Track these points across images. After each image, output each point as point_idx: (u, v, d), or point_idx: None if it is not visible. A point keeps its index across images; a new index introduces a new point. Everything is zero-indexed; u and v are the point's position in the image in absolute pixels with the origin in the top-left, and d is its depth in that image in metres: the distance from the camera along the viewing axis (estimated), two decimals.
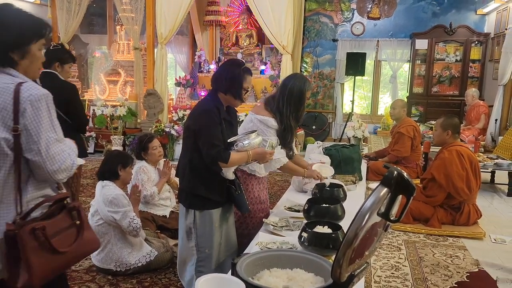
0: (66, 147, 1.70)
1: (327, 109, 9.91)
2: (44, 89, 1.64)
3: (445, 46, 9.08)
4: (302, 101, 2.95)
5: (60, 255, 1.66)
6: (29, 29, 1.66)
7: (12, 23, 1.62)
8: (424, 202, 3.86)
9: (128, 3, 7.91)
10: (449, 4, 9.15)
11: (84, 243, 1.77)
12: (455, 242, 3.59)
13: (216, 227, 2.52)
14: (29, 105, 1.56)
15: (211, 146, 2.34)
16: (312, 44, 9.79)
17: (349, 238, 1.49)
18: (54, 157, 1.62)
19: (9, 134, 1.56)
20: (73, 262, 1.83)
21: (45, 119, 1.61)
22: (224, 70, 2.54)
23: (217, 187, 2.50)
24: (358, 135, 5.87)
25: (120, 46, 8.57)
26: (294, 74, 3.21)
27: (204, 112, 2.44)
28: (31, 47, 1.66)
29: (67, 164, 1.66)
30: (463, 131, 7.55)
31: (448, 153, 3.79)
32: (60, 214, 1.71)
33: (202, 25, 9.38)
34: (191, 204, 2.52)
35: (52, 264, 1.65)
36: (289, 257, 1.86)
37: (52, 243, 1.62)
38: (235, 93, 2.47)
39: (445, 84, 9.15)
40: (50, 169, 1.62)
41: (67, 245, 1.68)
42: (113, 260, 3.16)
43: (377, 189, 1.57)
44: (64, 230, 1.70)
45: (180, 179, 2.58)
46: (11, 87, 1.56)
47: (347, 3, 9.56)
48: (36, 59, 1.70)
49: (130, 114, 7.41)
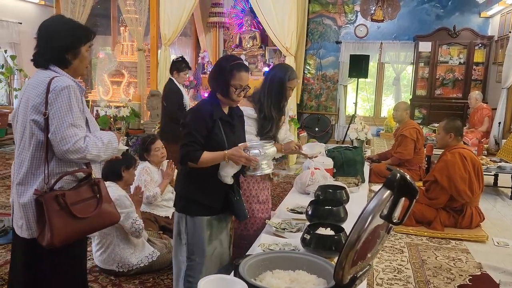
0: (81, 132, 1.93)
1: (330, 111, 9.90)
2: (69, 82, 1.94)
3: (448, 48, 9.06)
4: (283, 90, 2.91)
5: (79, 220, 1.95)
6: (79, 34, 2.02)
7: (66, 29, 2.00)
8: (427, 204, 3.85)
9: (132, 4, 7.93)
10: (453, 7, 9.14)
11: (102, 214, 2.04)
12: (458, 245, 3.59)
13: (208, 235, 2.37)
14: (53, 94, 1.89)
15: (184, 145, 2.23)
16: (315, 46, 9.78)
17: (351, 240, 1.49)
18: (65, 138, 1.88)
19: (40, 117, 1.91)
20: (91, 230, 2.10)
21: (63, 106, 1.90)
22: (214, 67, 2.41)
23: (213, 192, 2.35)
24: (361, 137, 5.86)
25: (124, 47, 8.60)
26: (278, 64, 3.19)
27: (191, 111, 2.38)
28: (81, 49, 2.02)
29: (78, 146, 1.89)
30: (466, 134, 7.54)
31: (451, 156, 3.79)
32: (83, 187, 2.00)
33: (206, 27, 9.40)
34: (183, 208, 2.39)
35: (71, 228, 1.93)
36: (291, 258, 1.87)
37: (72, 209, 1.92)
38: (223, 90, 2.29)
39: (448, 87, 9.13)
40: (60, 149, 1.89)
41: (86, 213, 1.98)
42: (115, 261, 3.17)
43: (380, 191, 1.57)
44: (85, 200, 1.99)
45: (176, 179, 2.51)
46: (47, 80, 1.91)
47: (351, 5, 9.56)
48: (84, 58, 2.06)
49: (133, 115, 7.42)
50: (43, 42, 1.99)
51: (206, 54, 9.00)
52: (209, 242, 2.37)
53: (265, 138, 2.93)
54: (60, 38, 1.97)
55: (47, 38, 1.98)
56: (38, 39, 2.01)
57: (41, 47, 2.00)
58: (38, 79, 1.95)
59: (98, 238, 3.20)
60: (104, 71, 8.54)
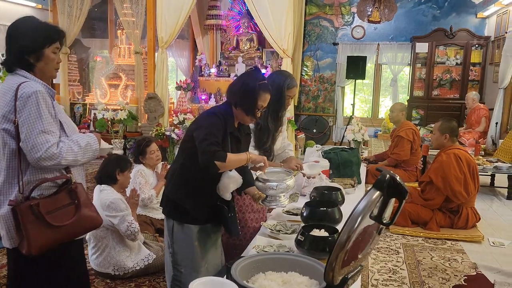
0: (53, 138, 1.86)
1: (327, 112, 9.91)
2: (37, 87, 1.86)
3: (445, 49, 9.09)
4: (282, 99, 2.82)
5: (56, 229, 1.91)
6: (41, 35, 1.93)
7: (28, 30, 1.93)
8: (423, 205, 3.86)
9: (129, 7, 7.94)
10: (449, 8, 9.16)
11: (82, 219, 1.99)
12: (453, 246, 3.59)
13: (196, 245, 2.26)
14: (21, 101, 1.83)
15: (209, 144, 2.07)
16: (312, 48, 9.80)
17: (341, 241, 1.49)
18: (36, 146, 1.83)
19: (10, 126, 1.86)
20: (72, 236, 2.02)
21: (32, 112, 1.83)
22: (239, 81, 2.27)
23: (204, 204, 2.24)
24: (357, 139, 5.86)
25: (121, 50, 8.61)
26: (276, 70, 3.11)
27: (209, 114, 2.23)
28: (45, 50, 1.93)
29: (50, 153, 1.83)
30: (463, 135, 7.56)
31: (446, 156, 3.79)
32: (60, 194, 1.96)
33: (203, 29, 9.42)
34: (170, 213, 2.29)
35: (48, 236, 1.90)
36: (284, 260, 1.86)
37: (47, 218, 1.88)
38: (247, 109, 2.20)
39: (445, 88, 9.16)
40: (33, 157, 1.83)
41: (63, 220, 1.93)
42: (111, 264, 3.16)
43: (369, 192, 1.58)
44: (62, 208, 1.94)
45: (167, 182, 2.35)
46: (14, 87, 1.85)
47: (348, 7, 9.58)
48: (50, 60, 1.96)
49: (130, 117, 7.43)
50: (8, 44, 1.94)
51: (203, 57, 9.00)
52: (197, 253, 2.27)
53: (262, 150, 2.90)
54: (21, 39, 1.91)
55: (11, 40, 1.93)
56: (6, 42, 1.95)
57: (6, 50, 1.95)
58: (6, 86, 1.90)
59: (93, 241, 3.19)
60: (102, 74, 8.54)
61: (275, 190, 2.35)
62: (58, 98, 8.15)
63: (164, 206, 2.33)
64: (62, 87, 8.37)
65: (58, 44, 1.99)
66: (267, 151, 2.96)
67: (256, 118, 2.28)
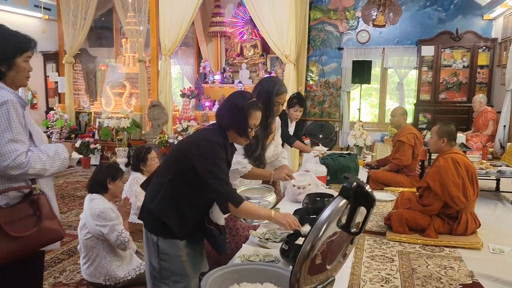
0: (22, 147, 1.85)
1: (333, 117, 9.84)
2: (8, 96, 1.86)
3: (452, 52, 8.97)
4: (270, 106, 2.78)
5: (14, 240, 1.84)
6: (12, 44, 1.93)
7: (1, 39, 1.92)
8: (420, 211, 3.77)
9: (132, 16, 8.00)
10: (455, 10, 9.05)
11: (43, 231, 1.93)
12: (451, 253, 3.49)
13: (184, 260, 2.20)
14: None
15: (222, 182, 2.01)
16: (317, 53, 9.76)
17: (305, 251, 1.44)
18: (5, 154, 1.80)
19: None
20: (31, 248, 1.95)
21: (2, 122, 1.83)
22: (227, 104, 2.22)
23: (191, 223, 2.18)
24: (359, 144, 5.80)
25: (126, 59, 8.67)
26: (266, 76, 3.07)
27: (212, 143, 2.09)
28: (16, 60, 1.93)
29: (18, 162, 1.82)
30: (471, 138, 7.43)
31: (444, 161, 3.71)
32: (21, 204, 1.91)
33: (207, 36, 9.45)
34: (154, 229, 2.19)
35: (6, 248, 1.83)
36: (260, 271, 1.83)
37: (6, 228, 1.82)
38: (239, 130, 2.16)
39: (452, 91, 9.02)
40: (0, 165, 1.80)
41: (22, 232, 1.86)
42: (102, 274, 3.14)
43: (336, 199, 1.53)
44: (23, 219, 1.89)
45: (148, 196, 2.23)
46: None
47: (352, 11, 9.53)
48: (22, 69, 1.97)
49: (134, 125, 7.46)
50: None
51: (207, 64, 9.03)
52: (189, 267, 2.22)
53: (252, 159, 2.87)
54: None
55: None
56: None
57: None
58: None
59: (84, 251, 3.18)
60: (106, 83, 8.61)
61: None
62: (63, 107, 8.23)
63: (145, 220, 2.24)
64: (67, 96, 8.46)
65: (30, 53, 1.99)
66: (257, 159, 2.92)
67: (249, 139, 2.24)
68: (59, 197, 5.75)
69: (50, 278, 3.42)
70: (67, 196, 5.79)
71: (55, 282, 3.37)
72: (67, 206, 5.37)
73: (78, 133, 8.20)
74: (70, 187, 6.34)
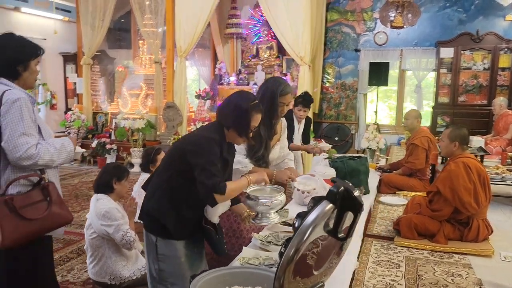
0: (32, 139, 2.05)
1: (350, 120, 9.73)
2: (20, 94, 2.08)
3: (472, 54, 8.76)
4: (275, 107, 2.78)
5: (29, 222, 2.08)
6: (28, 48, 2.20)
7: (15, 43, 2.18)
8: (430, 216, 3.68)
9: (149, 18, 8.08)
10: (476, 11, 8.85)
11: (53, 215, 2.16)
12: (461, 260, 3.40)
13: (183, 261, 2.20)
14: (6, 106, 2.03)
15: (209, 176, 2.00)
16: (334, 55, 9.67)
17: (289, 255, 1.42)
18: (17, 146, 2.02)
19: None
20: (44, 230, 2.19)
21: (15, 116, 2.04)
22: (231, 103, 2.22)
23: (189, 223, 2.18)
24: (372, 147, 5.72)
25: (143, 60, 8.75)
26: (271, 77, 3.04)
27: (208, 140, 2.11)
28: (31, 62, 2.19)
29: (29, 153, 2.03)
30: (490, 142, 7.26)
31: (455, 165, 3.61)
32: (33, 191, 2.14)
33: (223, 38, 9.47)
34: (153, 229, 2.20)
35: (22, 229, 2.06)
36: (251, 274, 1.82)
37: (21, 212, 2.05)
38: (240, 130, 2.17)
39: (472, 93, 8.81)
40: (13, 156, 2.02)
41: (36, 215, 2.10)
42: (107, 273, 3.17)
43: (322, 203, 1.50)
44: (35, 203, 2.12)
45: (147, 196, 2.26)
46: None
47: (370, 12, 9.41)
48: (33, 71, 2.22)
49: (148, 126, 7.53)
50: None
51: (223, 65, 9.05)
52: (187, 268, 2.20)
53: (254, 159, 2.86)
54: (10, 51, 2.13)
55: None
56: None
57: None
58: None
59: (90, 250, 3.21)
60: (123, 84, 8.71)
61: (268, 207, 2.31)
62: (80, 108, 8.36)
63: (144, 220, 2.25)
64: (85, 97, 8.59)
65: (39, 58, 2.26)
66: (260, 159, 2.90)
67: (249, 139, 2.25)
68: (73, 197, 5.84)
69: (58, 277, 3.45)
70: (80, 196, 5.87)
71: (62, 280, 3.42)
72: (80, 206, 5.44)
73: (95, 133, 8.32)
74: (84, 186, 6.42)
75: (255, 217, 2.40)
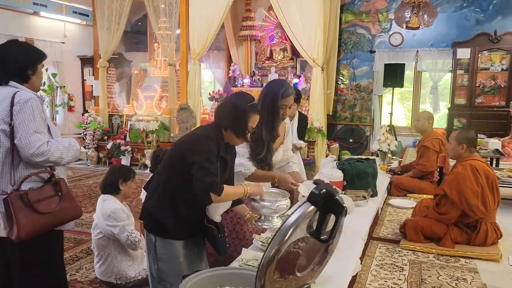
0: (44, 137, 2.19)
1: (364, 122, 9.67)
2: (31, 95, 2.22)
3: (489, 54, 8.61)
4: (276, 109, 2.78)
5: (42, 215, 2.22)
6: (35, 54, 2.36)
7: (24, 49, 2.33)
8: (437, 220, 3.63)
9: (164, 21, 8.18)
10: (494, 11, 8.69)
11: (64, 209, 2.32)
12: (467, 264, 3.35)
13: (181, 261, 2.21)
14: (18, 106, 2.17)
15: (207, 173, 2.01)
16: (349, 56, 9.62)
17: (269, 255, 1.42)
18: (30, 144, 2.15)
19: (6, 127, 2.18)
20: (56, 223, 2.33)
21: (27, 115, 2.17)
22: (228, 104, 2.24)
23: (189, 222, 2.19)
24: (383, 149, 5.67)
25: (158, 63, 8.86)
26: (274, 79, 3.02)
27: (205, 138, 2.13)
28: (37, 66, 2.35)
29: (41, 150, 2.16)
30: (508, 144, 7.11)
31: (462, 168, 3.56)
32: (46, 186, 2.29)
33: (237, 40, 9.52)
34: (153, 229, 2.23)
35: (36, 222, 2.19)
36: (241, 276, 1.82)
37: (35, 206, 2.19)
38: (238, 131, 2.19)
39: (490, 95, 8.66)
40: (26, 153, 2.15)
41: (49, 209, 2.25)
42: (113, 273, 3.22)
43: (304, 204, 1.51)
44: (48, 198, 2.27)
45: (148, 195, 2.29)
46: (10, 95, 2.20)
47: (385, 13, 9.34)
48: (40, 75, 2.39)
49: (162, 128, 7.61)
50: (2, 63, 2.27)
51: (236, 67, 9.10)
52: (186, 269, 2.19)
53: (256, 161, 2.86)
54: (22, 57, 2.29)
55: (7, 59, 2.28)
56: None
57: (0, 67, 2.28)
58: (1, 95, 2.23)
59: (96, 250, 3.27)
60: (139, 86, 8.83)
61: (272, 210, 2.32)
62: (97, 110, 8.51)
63: (145, 220, 2.29)
64: (101, 99, 8.73)
65: (43, 63, 2.42)
66: (263, 161, 2.91)
67: (246, 140, 2.28)
68: (86, 197, 5.94)
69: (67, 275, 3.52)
70: (94, 196, 5.96)
71: (70, 279, 3.47)
72: (93, 206, 5.52)
73: (110, 135, 8.45)
74: (98, 187, 6.51)
75: (257, 219, 2.41)
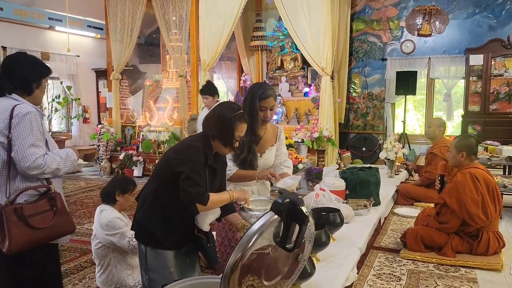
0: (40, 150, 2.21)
1: (377, 130, 9.60)
2: (30, 108, 2.24)
3: (503, 60, 8.47)
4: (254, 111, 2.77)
5: (36, 230, 2.21)
6: (42, 68, 2.40)
7: (31, 63, 2.37)
8: (437, 228, 3.58)
9: (175, 33, 8.31)
10: (507, 16, 8.57)
11: (58, 224, 2.30)
12: (467, 274, 3.28)
13: (172, 271, 2.21)
14: (17, 119, 2.18)
15: (193, 184, 2.04)
16: (360, 65, 9.59)
17: (231, 263, 1.43)
18: (26, 157, 2.16)
19: (4, 139, 2.19)
20: (49, 238, 2.32)
21: (25, 129, 2.19)
22: (214, 113, 2.24)
23: (178, 232, 2.21)
24: (390, 157, 5.62)
25: (170, 74, 8.98)
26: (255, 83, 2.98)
27: (192, 148, 2.15)
28: (42, 80, 2.38)
29: (37, 163, 2.18)
30: None
31: (462, 176, 3.51)
32: (41, 201, 2.28)
33: (249, 50, 9.59)
34: (142, 239, 2.26)
35: (29, 236, 2.18)
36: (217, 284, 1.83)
37: (29, 220, 2.18)
38: (225, 141, 2.20)
39: (504, 101, 8.50)
40: (22, 166, 2.16)
41: (43, 224, 2.24)
42: (113, 282, 3.26)
43: (268, 213, 1.52)
44: (43, 213, 2.25)
45: (139, 205, 2.30)
46: (10, 108, 2.21)
47: (396, 21, 9.30)
48: (43, 89, 2.42)
49: (173, 138, 7.69)
50: (8, 74, 2.31)
51: (247, 77, 9.16)
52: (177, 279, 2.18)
53: (240, 162, 2.84)
54: (28, 70, 2.33)
55: (14, 71, 2.31)
56: (2, 71, 2.32)
57: (5, 78, 2.31)
58: (1, 107, 2.25)
59: (97, 259, 3.31)
60: (151, 97, 8.96)
61: None
62: (110, 121, 8.66)
63: (135, 230, 2.30)
64: (114, 111, 8.88)
65: (48, 77, 2.46)
66: (244, 162, 2.86)
67: (234, 149, 2.28)
68: (91, 207, 6.04)
69: (70, 285, 3.58)
70: None
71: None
72: None
73: (123, 146, 8.58)
74: None
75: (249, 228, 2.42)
